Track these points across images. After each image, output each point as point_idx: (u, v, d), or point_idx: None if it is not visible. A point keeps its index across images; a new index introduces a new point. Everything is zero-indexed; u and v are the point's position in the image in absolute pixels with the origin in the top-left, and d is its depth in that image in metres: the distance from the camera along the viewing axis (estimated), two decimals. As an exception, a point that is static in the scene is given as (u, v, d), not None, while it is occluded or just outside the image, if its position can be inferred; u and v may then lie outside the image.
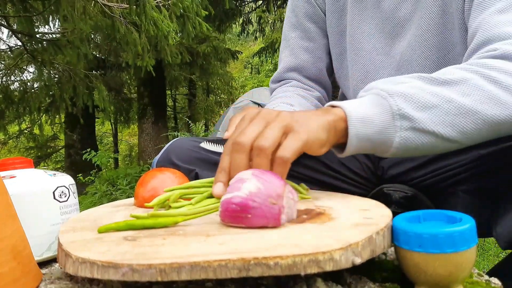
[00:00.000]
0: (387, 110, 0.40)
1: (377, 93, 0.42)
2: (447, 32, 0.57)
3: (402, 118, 0.40)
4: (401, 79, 0.43)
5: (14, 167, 0.43)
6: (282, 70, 0.76)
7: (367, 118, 0.40)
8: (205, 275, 0.27)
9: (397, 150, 0.41)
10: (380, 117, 0.40)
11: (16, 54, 4.51)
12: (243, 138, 0.38)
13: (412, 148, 0.41)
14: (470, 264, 0.30)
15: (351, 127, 0.40)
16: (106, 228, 0.35)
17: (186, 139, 0.63)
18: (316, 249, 0.28)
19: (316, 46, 0.73)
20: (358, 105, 0.41)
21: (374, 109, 0.40)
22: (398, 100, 0.40)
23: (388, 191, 0.55)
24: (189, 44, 4.67)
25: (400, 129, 0.40)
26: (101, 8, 2.87)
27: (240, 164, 0.38)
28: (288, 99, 0.69)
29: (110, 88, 5.73)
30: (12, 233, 0.32)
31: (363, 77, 0.66)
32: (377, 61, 0.64)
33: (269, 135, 0.38)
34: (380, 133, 0.40)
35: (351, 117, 0.40)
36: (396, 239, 0.32)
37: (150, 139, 5.48)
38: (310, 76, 0.75)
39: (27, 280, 0.32)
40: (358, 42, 0.66)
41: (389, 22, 0.62)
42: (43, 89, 4.55)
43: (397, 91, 0.41)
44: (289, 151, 0.37)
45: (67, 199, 0.42)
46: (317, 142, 0.39)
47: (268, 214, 0.33)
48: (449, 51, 0.58)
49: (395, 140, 0.40)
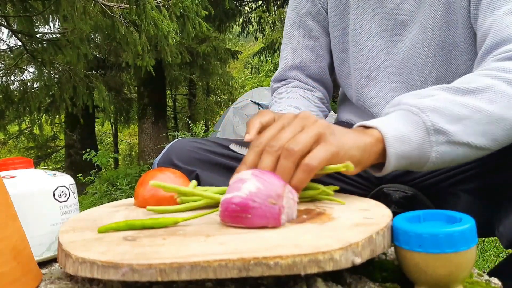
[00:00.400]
0: (420, 126, 0.40)
1: (408, 109, 0.41)
2: (451, 31, 0.57)
3: (437, 133, 0.40)
4: (426, 92, 0.44)
5: (14, 167, 0.43)
6: (284, 68, 0.76)
7: (403, 136, 0.40)
8: (205, 275, 0.27)
9: (433, 164, 0.41)
10: (415, 134, 0.40)
11: (16, 54, 4.51)
12: (278, 142, 0.38)
13: (448, 161, 0.41)
14: (470, 264, 0.30)
15: (389, 147, 0.40)
16: (106, 228, 0.35)
17: (186, 140, 0.63)
18: (316, 249, 0.28)
19: (318, 45, 0.73)
20: (391, 123, 0.41)
21: (408, 127, 0.40)
22: (430, 115, 0.40)
23: (388, 191, 0.55)
24: (189, 44, 4.67)
25: (436, 144, 0.40)
26: (101, 8, 2.87)
27: (268, 166, 0.38)
28: (294, 101, 0.68)
29: (110, 88, 5.73)
30: (12, 233, 0.32)
31: (365, 76, 0.66)
32: (379, 59, 0.64)
33: (301, 139, 0.37)
34: (417, 149, 0.40)
35: (388, 137, 0.40)
36: (396, 239, 0.32)
37: (150, 139, 5.48)
38: (312, 75, 0.75)
39: (27, 280, 0.32)
40: (360, 41, 0.66)
41: (392, 20, 0.62)
42: (43, 89, 4.55)
43: (428, 106, 0.41)
44: (317, 160, 0.37)
45: (67, 199, 0.42)
46: (346, 158, 0.39)
47: (268, 214, 0.33)
48: (452, 49, 0.58)
49: (432, 155, 0.40)
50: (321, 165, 0.37)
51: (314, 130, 0.38)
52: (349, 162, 0.38)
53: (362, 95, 0.67)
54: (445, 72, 0.59)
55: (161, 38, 3.16)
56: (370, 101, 0.66)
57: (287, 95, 0.72)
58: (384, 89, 0.64)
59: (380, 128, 0.40)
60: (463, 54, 0.58)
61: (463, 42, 0.57)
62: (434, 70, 0.60)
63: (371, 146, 0.40)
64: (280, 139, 0.38)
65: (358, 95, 0.68)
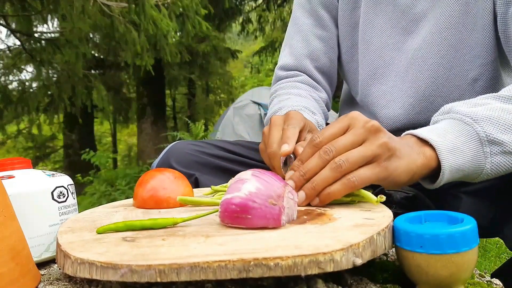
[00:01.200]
0: (473, 137, 0.39)
1: (460, 119, 0.41)
2: (466, 33, 0.56)
3: (491, 144, 0.39)
4: (475, 101, 0.43)
5: (13, 168, 0.42)
6: (294, 56, 0.72)
7: (457, 148, 0.39)
8: (204, 276, 0.27)
9: (487, 176, 0.41)
10: (468, 145, 0.39)
11: (14, 54, 4.49)
12: (333, 147, 0.37)
13: (502, 171, 0.41)
14: (472, 265, 0.30)
15: (444, 161, 0.39)
16: (105, 229, 0.35)
17: (185, 142, 0.63)
18: (317, 250, 0.28)
19: (330, 36, 0.71)
20: (444, 134, 0.40)
21: (461, 138, 0.40)
22: (484, 125, 0.39)
23: (389, 191, 0.55)
24: (189, 43, 4.66)
25: (491, 155, 0.39)
26: (100, 7, 2.86)
27: (313, 169, 0.38)
28: (306, 101, 0.65)
29: (109, 88, 5.71)
30: (10, 233, 0.32)
31: (372, 73, 0.65)
32: (387, 57, 0.63)
33: (353, 158, 0.36)
34: (471, 161, 0.40)
35: (441, 151, 0.39)
36: (397, 239, 0.32)
37: (149, 139, 5.47)
38: (321, 67, 0.72)
39: (25, 281, 0.32)
40: (369, 36, 0.65)
41: (404, 17, 0.61)
42: (42, 89, 4.54)
43: (481, 116, 0.40)
44: (361, 180, 0.37)
45: (65, 199, 0.42)
46: (393, 183, 0.39)
47: (268, 215, 0.33)
48: (466, 52, 0.57)
49: (486, 167, 0.40)
50: (363, 186, 0.37)
51: (372, 150, 0.37)
52: (382, 196, 0.38)
53: (367, 93, 0.66)
54: (455, 75, 0.58)
55: (160, 37, 3.16)
56: (375, 101, 0.65)
57: (298, 91, 0.68)
58: (390, 88, 0.63)
59: (434, 141, 0.39)
60: (477, 58, 0.57)
61: (479, 45, 0.56)
62: (444, 71, 0.58)
63: (422, 169, 0.39)
64: (337, 146, 0.37)
65: (363, 93, 0.67)
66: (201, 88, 7.85)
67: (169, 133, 4.80)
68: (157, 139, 5.37)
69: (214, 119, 7.79)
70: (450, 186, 0.54)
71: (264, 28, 6.03)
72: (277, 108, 0.64)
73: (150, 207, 0.44)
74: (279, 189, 0.34)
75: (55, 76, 4.44)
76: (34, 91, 4.83)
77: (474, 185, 0.52)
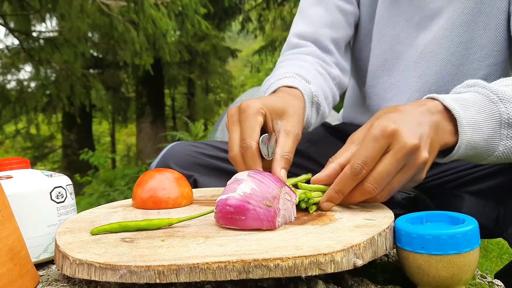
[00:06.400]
0: (495, 117, 0.39)
1: (486, 95, 0.40)
2: (479, 32, 0.56)
3: (510, 127, 0.38)
4: (505, 81, 0.42)
5: (11, 168, 0.42)
6: (313, 25, 0.67)
7: (477, 124, 0.38)
8: (204, 277, 0.27)
9: (496, 158, 0.40)
10: (488, 123, 0.39)
11: (13, 53, 4.48)
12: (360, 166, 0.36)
13: (511, 157, 0.40)
14: (473, 266, 0.30)
15: (462, 135, 0.38)
16: (99, 230, 0.35)
17: (184, 143, 0.62)
18: (317, 251, 0.27)
19: (353, 11, 0.67)
20: (467, 106, 0.39)
21: (483, 114, 0.39)
22: (509, 107, 0.38)
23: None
24: (188, 42, 4.65)
25: (506, 138, 0.39)
26: (98, 6, 2.85)
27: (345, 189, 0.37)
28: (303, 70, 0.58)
29: (107, 87, 5.70)
30: (9, 234, 0.32)
31: (381, 64, 0.64)
32: (398, 50, 0.63)
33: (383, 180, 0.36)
34: (486, 140, 0.39)
35: (462, 124, 0.38)
36: (398, 240, 0.32)
37: (149, 138, 5.46)
38: (339, 41, 0.66)
39: (24, 282, 0.32)
40: (383, 27, 0.64)
41: (419, 12, 0.60)
42: (40, 88, 4.53)
43: (508, 96, 0.39)
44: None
45: (64, 199, 0.42)
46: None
47: (263, 216, 0.33)
48: (476, 51, 0.57)
49: (498, 149, 0.39)
50: None
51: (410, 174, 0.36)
52: None
53: (374, 85, 0.65)
54: (463, 73, 0.58)
55: (160, 36, 3.15)
56: (381, 93, 0.64)
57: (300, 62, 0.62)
58: (397, 82, 0.62)
59: (456, 112, 0.38)
60: (488, 57, 0.56)
61: (490, 45, 0.56)
62: (453, 68, 0.58)
63: (441, 147, 0.38)
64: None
65: (371, 84, 0.66)
66: (201, 87, 7.84)
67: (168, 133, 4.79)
68: (156, 139, 5.36)
69: (213, 118, 7.78)
70: (453, 186, 0.53)
71: (264, 27, 6.02)
72: (268, 84, 0.57)
73: (149, 208, 0.44)
74: (275, 190, 0.34)
75: (53, 75, 4.43)
76: (32, 90, 4.81)
77: (478, 185, 0.52)
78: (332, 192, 0.37)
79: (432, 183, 0.56)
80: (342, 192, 0.37)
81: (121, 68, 5.85)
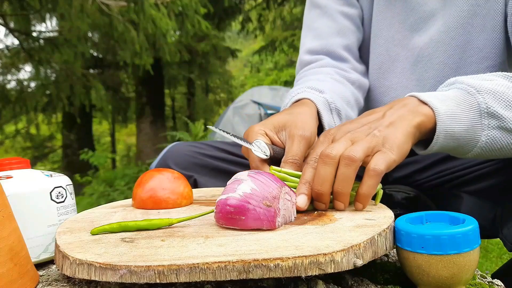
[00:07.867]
0: (474, 107, 0.39)
1: (464, 89, 0.40)
2: (475, 34, 0.56)
3: (490, 117, 0.39)
4: (484, 76, 0.42)
5: (11, 168, 0.42)
6: (321, 37, 0.66)
7: (455, 114, 0.39)
8: (204, 277, 0.27)
9: (481, 150, 0.40)
10: (467, 114, 0.39)
11: (13, 53, 4.48)
12: (332, 151, 0.36)
13: (496, 148, 0.40)
14: (473, 266, 0.30)
15: (440, 123, 0.38)
16: (99, 230, 0.35)
17: (183, 144, 0.62)
18: (317, 251, 0.27)
19: (357, 14, 0.67)
20: (444, 99, 0.39)
21: (461, 106, 0.39)
22: (487, 97, 0.39)
23: (390, 192, 0.55)
24: (188, 42, 4.65)
25: (488, 128, 0.39)
26: (98, 6, 2.85)
27: (326, 176, 0.36)
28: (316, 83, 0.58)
29: (107, 87, 5.70)
30: (9, 234, 0.32)
31: (378, 67, 0.64)
32: (393, 52, 0.62)
33: (359, 147, 0.36)
34: (467, 131, 0.39)
35: (440, 113, 0.38)
36: (398, 240, 0.32)
37: (149, 138, 5.46)
38: (351, 47, 0.66)
39: (24, 282, 0.32)
40: (379, 29, 0.64)
41: (413, 14, 0.60)
42: (40, 88, 4.53)
43: (486, 88, 0.39)
44: (383, 164, 0.36)
45: (64, 199, 0.42)
46: (404, 157, 0.38)
47: (263, 216, 0.33)
48: (474, 53, 0.57)
49: (481, 139, 0.39)
50: (387, 169, 0.36)
51: (368, 142, 0.37)
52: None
53: (373, 87, 0.65)
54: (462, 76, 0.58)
55: (160, 36, 3.15)
56: (378, 97, 0.64)
57: (316, 76, 0.62)
58: (394, 85, 0.62)
59: (432, 104, 0.38)
60: (486, 59, 0.56)
61: (488, 47, 0.55)
62: (451, 71, 0.58)
63: (419, 126, 0.38)
64: (334, 148, 0.37)
65: (371, 86, 0.66)
66: (201, 87, 7.84)
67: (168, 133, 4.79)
68: (156, 139, 5.36)
69: (213, 118, 7.79)
70: (452, 186, 0.53)
71: (264, 27, 6.02)
72: (284, 105, 0.59)
73: (149, 208, 0.44)
74: (275, 190, 0.34)
75: (53, 75, 4.43)
76: (32, 90, 4.81)
77: (476, 185, 0.52)
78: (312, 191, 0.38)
79: (431, 183, 0.56)
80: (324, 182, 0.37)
81: (121, 68, 5.85)
